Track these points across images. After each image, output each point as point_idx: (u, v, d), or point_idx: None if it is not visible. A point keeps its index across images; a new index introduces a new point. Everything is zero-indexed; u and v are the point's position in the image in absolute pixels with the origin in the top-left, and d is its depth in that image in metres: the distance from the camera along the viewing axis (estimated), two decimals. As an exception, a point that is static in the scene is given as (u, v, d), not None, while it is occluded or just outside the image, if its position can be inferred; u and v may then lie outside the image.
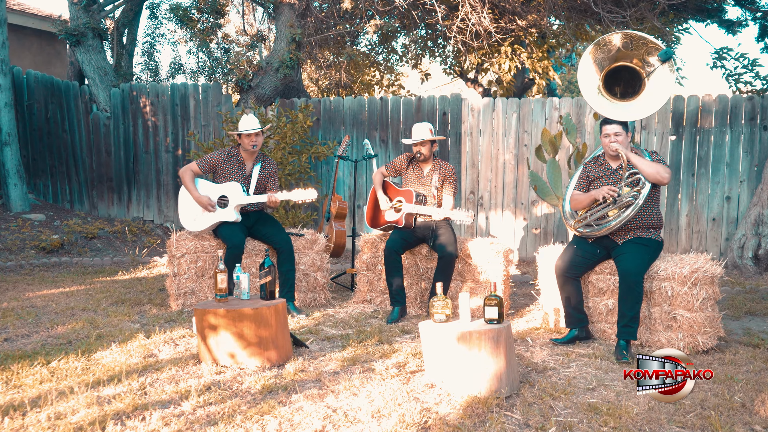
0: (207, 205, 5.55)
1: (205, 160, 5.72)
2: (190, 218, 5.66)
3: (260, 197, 5.56)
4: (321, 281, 5.89)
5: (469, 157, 8.36)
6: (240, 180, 5.67)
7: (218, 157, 5.72)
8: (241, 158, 5.74)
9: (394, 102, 8.57)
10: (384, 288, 5.80)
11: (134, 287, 6.59)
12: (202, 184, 5.70)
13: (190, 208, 5.66)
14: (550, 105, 8.14)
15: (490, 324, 3.86)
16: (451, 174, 5.74)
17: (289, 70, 8.61)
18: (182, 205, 5.71)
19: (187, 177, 5.65)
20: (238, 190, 5.58)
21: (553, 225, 8.21)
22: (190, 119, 9.17)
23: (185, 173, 5.67)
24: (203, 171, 5.72)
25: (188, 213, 5.67)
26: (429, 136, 5.67)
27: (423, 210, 5.47)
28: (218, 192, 5.63)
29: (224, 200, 5.61)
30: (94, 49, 9.44)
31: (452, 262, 5.41)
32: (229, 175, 5.69)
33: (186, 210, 5.68)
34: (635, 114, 4.92)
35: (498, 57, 11.96)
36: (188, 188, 5.63)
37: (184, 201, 5.70)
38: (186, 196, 5.69)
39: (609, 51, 4.97)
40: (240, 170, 5.72)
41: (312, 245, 5.90)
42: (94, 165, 9.59)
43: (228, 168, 5.71)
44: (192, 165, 5.72)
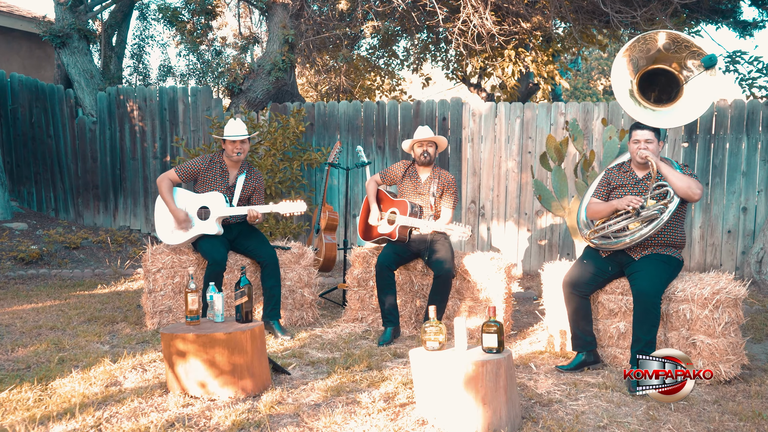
0: (182, 222, 5.15)
1: (185, 167, 5.32)
2: (167, 230, 5.25)
3: (244, 209, 5.15)
4: (309, 298, 5.47)
5: (470, 165, 7.95)
6: (222, 190, 5.27)
7: (199, 164, 5.31)
8: (225, 166, 5.34)
9: (392, 107, 8.17)
10: (376, 306, 5.38)
11: (111, 302, 6.18)
12: (182, 194, 5.30)
13: (168, 219, 5.26)
14: (555, 110, 7.72)
15: (488, 353, 3.45)
16: (450, 183, 5.32)
17: (282, 73, 8.22)
18: (159, 216, 5.31)
19: (164, 186, 5.25)
20: (221, 200, 5.17)
21: (558, 237, 7.78)
22: (179, 124, 8.78)
23: (162, 182, 5.27)
24: (183, 179, 5.32)
25: (165, 225, 5.26)
26: (434, 135, 5.30)
27: (418, 223, 5.06)
28: (199, 202, 5.22)
29: (205, 211, 5.20)
30: (80, 51, 9.07)
31: (449, 281, 4.98)
32: (211, 184, 5.29)
33: (163, 221, 5.28)
34: (670, 121, 4.54)
35: (501, 61, 11.56)
36: (165, 199, 5.23)
37: (161, 212, 5.30)
38: (163, 206, 5.29)
39: (648, 50, 4.58)
40: (223, 179, 5.31)
41: (299, 259, 5.49)
42: (79, 172, 9.20)
43: (210, 176, 5.31)
44: (170, 173, 5.32)
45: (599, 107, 7.62)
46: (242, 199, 5.36)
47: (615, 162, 4.90)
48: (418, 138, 5.27)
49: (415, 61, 15.22)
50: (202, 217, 5.20)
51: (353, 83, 15.62)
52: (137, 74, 10.83)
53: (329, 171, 6.22)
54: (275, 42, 8.37)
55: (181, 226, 5.15)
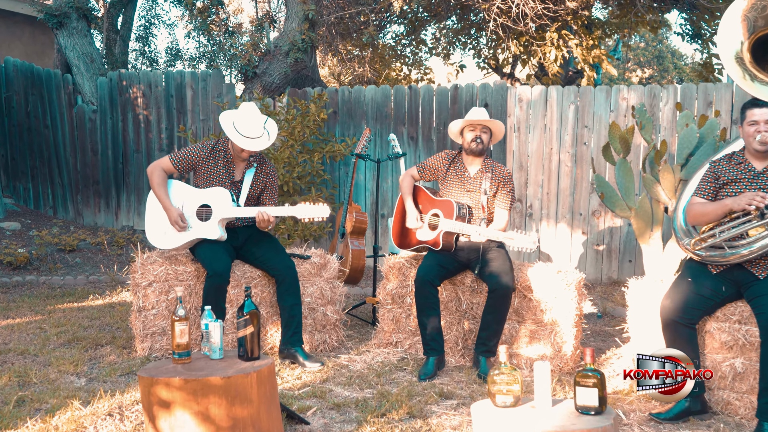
0: (175, 222, 4.21)
1: (181, 155, 4.37)
2: (159, 231, 4.32)
3: (253, 210, 4.20)
4: (332, 318, 4.51)
5: (516, 158, 6.94)
6: (227, 185, 4.32)
7: (199, 153, 4.36)
8: (229, 156, 4.39)
9: (426, 92, 7.18)
10: (414, 327, 4.40)
11: (101, 318, 5.27)
12: (178, 188, 4.36)
13: (160, 218, 4.32)
14: (616, 94, 6.68)
15: (584, 414, 2.47)
16: (507, 179, 4.33)
17: (301, 53, 7.26)
18: (150, 214, 4.38)
19: (157, 177, 4.31)
20: (226, 198, 4.22)
21: (619, 241, 6.74)
22: (187, 113, 7.87)
23: (154, 172, 4.33)
24: (178, 169, 4.37)
25: (157, 224, 4.33)
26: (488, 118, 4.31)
27: (467, 229, 4.07)
28: (198, 199, 4.28)
29: (206, 211, 4.26)
30: (79, 33, 8.19)
31: (507, 298, 3.99)
32: (212, 177, 4.35)
33: (154, 220, 4.34)
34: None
35: (543, 45, 10.50)
36: (157, 193, 4.30)
37: (153, 209, 4.37)
38: (155, 201, 4.35)
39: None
40: (227, 172, 4.36)
41: (321, 270, 4.52)
42: (78, 166, 8.33)
43: (211, 167, 4.36)
44: (163, 161, 4.37)
45: (668, 91, 6.57)
46: (251, 197, 4.41)
47: (723, 153, 3.88)
48: (471, 119, 4.29)
49: (445, 48, 14.21)
50: (201, 218, 4.25)
51: (377, 74, 14.64)
52: (143, 58, 9.92)
53: (356, 164, 5.25)
54: (294, 19, 7.41)
55: (176, 226, 4.22)
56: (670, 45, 23.35)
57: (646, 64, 22.87)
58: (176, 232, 4.25)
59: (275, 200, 4.53)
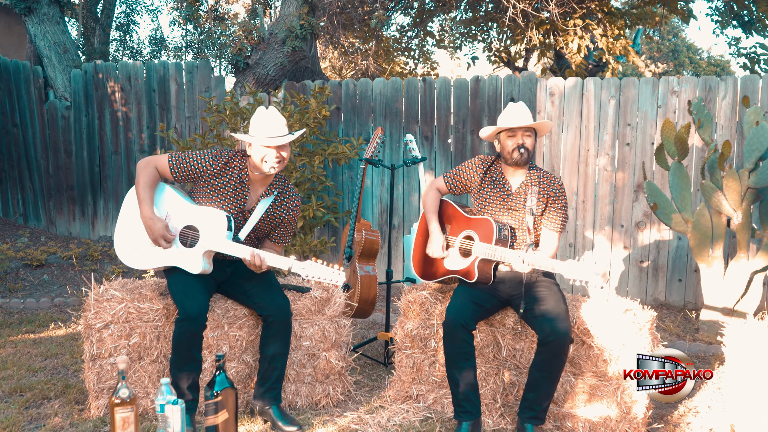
0: (158, 237, 3.30)
1: (184, 160, 3.42)
2: (129, 244, 3.41)
3: (247, 250, 3.28)
4: (337, 366, 3.60)
5: (547, 160, 6.03)
6: (232, 214, 3.41)
7: (208, 164, 3.41)
8: (246, 178, 3.45)
9: (442, 85, 6.27)
10: (440, 378, 3.51)
11: (58, 356, 4.38)
12: (170, 196, 3.44)
13: (135, 227, 3.40)
14: (665, 87, 5.76)
15: None
16: (559, 193, 3.42)
17: (300, 41, 6.35)
18: (124, 219, 3.46)
19: (146, 175, 3.37)
20: (221, 226, 3.29)
21: (667, 257, 5.83)
22: (171, 109, 6.96)
23: (145, 169, 3.38)
24: (175, 175, 3.43)
25: (129, 234, 3.42)
26: (533, 121, 3.40)
27: (510, 256, 3.17)
28: (188, 218, 3.36)
29: (192, 235, 3.35)
30: (51, 19, 7.27)
31: (563, 351, 3.09)
32: (217, 198, 3.42)
33: (127, 229, 3.43)
34: None
35: (565, 35, 9.59)
36: (140, 195, 3.36)
37: (129, 213, 3.45)
38: (134, 204, 3.43)
39: None
40: (237, 198, 3.43)
41: (323, 306, 3.62)
42: (50, 168, 7.42)
43: (219, 187, 3.42)
44: (160, 159, 3.43)
45: (726, 83, 5.65)
46: (258, 232, 3.49)
47: None
48: (508, 124, 3.39)
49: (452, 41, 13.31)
50: (185, 243, 3.35)
51: (382, 68, 13.72)
52: (124, 48, 8.98)
53: (366, 170, 4.34)
54: (291, 3, 6.50)
55: (157, 242, 3.31)
56: (686, 39, 22.38)
57: (660, 58, 21.91)
58: (151, 250, 3.34)
59: (288, 239, 3.60)
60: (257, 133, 3.31)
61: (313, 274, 3.14)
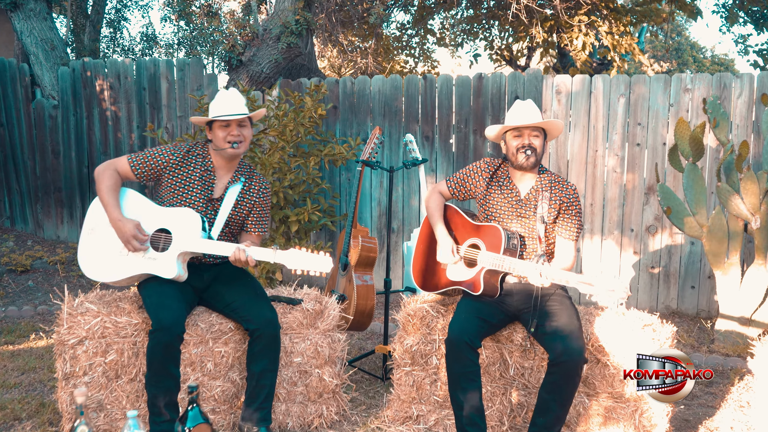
0: (130, 239, 3.05)
1: (144, 156, 3.21)
2: (96, 256, 3.16)
3: (228, 248, 3.04)
4: (331, 384, 3.34)
5: (554, 161, 5.77)
6: (200, 205, 3.17)
7: (168, 155, 3.21)
8: (211, 165, 3.24)
9: (443, 82, 6.00)
10: (442, 398, 3.25)
11: (36, 370, 4.12)
12: (134, 200, 3.21)
13: (102, 237, 3.15)
14: (677, 84, 5.49)
15: None
16: (572, 199, 3.16)
17: (295, 37, 6.09)
18: (88, 230, 3.21)
19: (107, 180, 3.14)
20: (194, 226, 3.07)
21: (679, 262, 5.57)
22: (162, 108, 6.70)
23: (104, 173, 3.16)
24: (138, 175, 3.21)
25: (96, 245, 3.17)
26: (541, 120, 3.14)
27: (520, 268, 2.91)
28: (158, 221, 3.13)
29: (165, 238, 3.11)
30: (37, 15, 7.02)
31: (576, 372, 2.82)
32: (183, 190, 3.20)
33: (93, 239, 3.18)
34: None
35: (570, 32, 9.33)
36: (104, 201, 3.13)
37: (93, 223, 3.20)
38: (98, 214, 3.19)
39: None
40: (203, 186, 3.22)
41: (315, 320, 3.35)
42: (38, 170, 7.17)
43: (183, 178, 3.21)
44: (119, 161, 3.21)
45: (742, 80, 5.39)
46: (231, 224, 3.26)
47: None
48: (515, 123, 3.13)
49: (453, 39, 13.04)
50: (157, 247, 3.10)
51: (381, 67, 13.46)
52: (114, 45, 8.71)
53: (363, 173, 4.07)
54: (286, -3, 6.24)
55: (129, 246, 3.06)
56: (690, 37, 22.12)
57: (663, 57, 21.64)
58: (123, 259, 3.09)
59: (265, 227, 3.38)
60: (214, 112, 3.17)
61: (297, 265, 2.97)
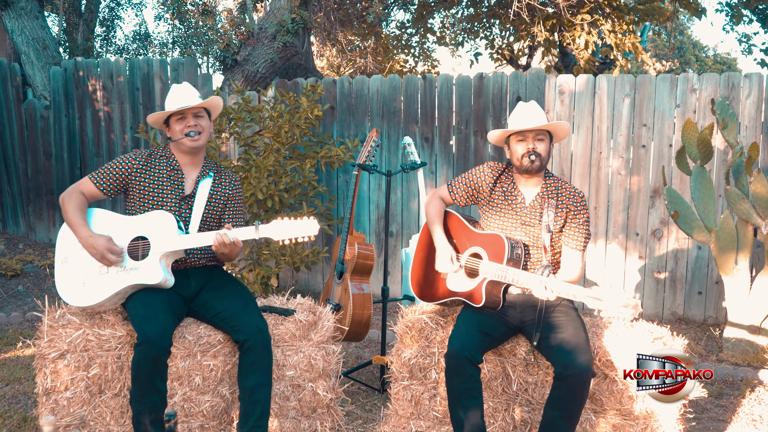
0: (104, 252, 2.92)
1: (105, 171, 3.13)
2: (75, 282, 3.02)
3: (208, 237, 2.93)
4: (325, 398, 3.19)
5: (556, 163, 5.62)
6: (173, 204, 3.05)
7: (130, 163, 3.12)
8: (176, 163, 3.15)
9: (443, 82, 5.85)
10: (442, 414, 3.10)
11: (20, 382, 3.98)
12: (102, 218, 3.11)
13: (77, 263, 3.02)
14: (684, 84, 5.35)
15: None
16: (579, 206, 3.01)
17: (291, 36, 5.94)
18: (61, 258, 3.08)
19: (72, 205, 3.05)
20: (170, 224, 2.96)
21: (686, 267, 5.42)
22: (156, 108, 6.55)
23: (69, 198, 3.09)
24: (105, 191, 3.11)
25: (73, 270, 3.03)
26: (545, 122, 2.98)
27: (527, 280, 2.76)
28: (132, 231, 3.00)
29: (143, 245, 2.97)
30: (28, 14, 6.87)
31: (584, 387, 2.67)
32: (153, 194, 3.09)
33: (68, 265, 3.05)
34: None
35: (572, 30, 9.18)
36: (71, 222, 3.03)
37: (66, 249, 3.07)
38: (67, 242, 3.07)
39: None
40: (173, 184, 3.12)
41: (309, 331, 3.21)
42: (29, 171, 7.02)
43: (150, 181, 3.10)
44: (82, 183, 3.15)
45: (751, 80, 5.24)
46: (207, 220, 3.14)
47: None
48: (519, 127, 2.98)
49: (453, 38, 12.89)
50: (136, 256, 2.96)
51: (381, 66, 13.31)
52: (108, 45, 8.56)
53: (359, 177, 3.93)
54: (283, -5, 6.09)
55: (105, 261, 2.93)
56: (692, 36, 21.94)
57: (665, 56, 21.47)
58: (101, 278, 2.95)
59: (242, 217, 3.28)
60: (167, 107, 3.11)
61: (283, 234, 2.88)
